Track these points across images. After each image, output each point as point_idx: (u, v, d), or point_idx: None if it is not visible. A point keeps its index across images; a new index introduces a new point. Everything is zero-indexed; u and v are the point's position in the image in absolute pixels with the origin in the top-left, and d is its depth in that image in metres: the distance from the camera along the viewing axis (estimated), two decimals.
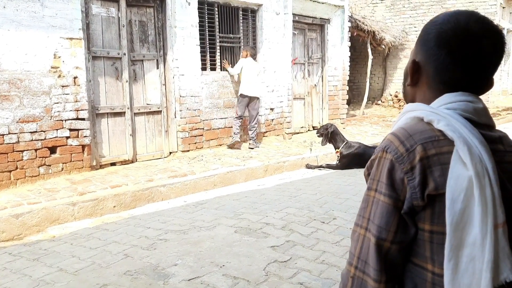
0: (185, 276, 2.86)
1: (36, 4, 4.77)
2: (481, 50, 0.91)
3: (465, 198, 0.81)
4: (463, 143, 0.83)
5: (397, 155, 0.87)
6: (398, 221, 0.87)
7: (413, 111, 0.95)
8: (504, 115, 12.16)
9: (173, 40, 6.24)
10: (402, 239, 0.87)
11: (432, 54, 0.95)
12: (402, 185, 0.86)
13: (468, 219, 0.81)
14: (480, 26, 0.91)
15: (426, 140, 0.87)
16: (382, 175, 0.89)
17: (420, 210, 0.86)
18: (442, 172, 0.84)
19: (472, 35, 0.91)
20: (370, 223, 0.90)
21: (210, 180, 5.43)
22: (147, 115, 6.23)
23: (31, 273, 2.97)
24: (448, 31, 0.92)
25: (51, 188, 4.63)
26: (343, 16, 9.43)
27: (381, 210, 0.88)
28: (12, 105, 4.66)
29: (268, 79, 7.83)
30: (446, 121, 0.87)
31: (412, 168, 0.85)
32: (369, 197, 0.92)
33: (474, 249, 0.81)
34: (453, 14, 0.95)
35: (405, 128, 0.91)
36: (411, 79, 1.00)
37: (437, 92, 0.96)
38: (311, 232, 3.62)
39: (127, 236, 3.68)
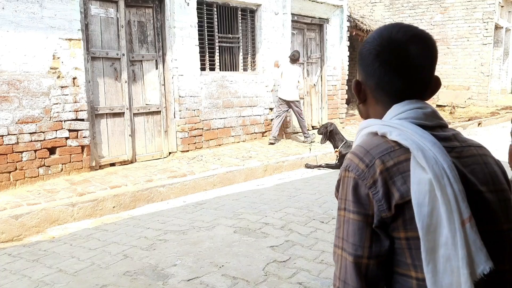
0: (184, 276, 2.86)
1: (35, 5, 4.77)
2: (408, 55, 0.95)
3: (430, 200, 0.83)
4: (417, 149, 0.86)
5: (359, 172, 0.90)
6: (371, 235, 0.88)
7: (367, 127, 0.99)
8: (503, 114, 12.17)
9: (172, 40, 6.25)
10: (378, 253, 0.88)
11: (369, 71, 1.00)
12: (368, 200, 0.88)
13: (437, 220, 0.83)
14: (404, 34, 0.96)
15: (383, 153, 0.90)
16: (348, 194, 0.92)
17: (391, 221, 0.87)
18: (404, 180, 0.86)
19: (397, 43, 0.96)
20: (344, 243, 0.91)
21: (209, 180, 5.44)
22: (146, 116, 6.24)
23: (31, 274, 2.98)
24: (376, 46, 0.97)
25: (50, 189, 4.64)
26: (341, 15, 9.44)
27: (352, 228, 0.90)
28: (11, 106, 4.67)
29: (267, 79, 7.84)
30: (397, 131, 0.90)
31: (374, 182, 0.88)
32: (340, 217, 0.94)
33: (448, 249, 0.83)
34: (378, 30, 1.00)
35: (362, 145, 0.95)
36: (358, 98, 1.06)
37: (385, 104, 1.00)
38: (310, 231, 3.63)
39: (126, 236, 3.69)
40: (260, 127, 7.80)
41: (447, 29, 13.66)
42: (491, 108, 13.29)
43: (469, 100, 13.44)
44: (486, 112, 12.44)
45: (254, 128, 7.69)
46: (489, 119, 11.22)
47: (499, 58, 15.07)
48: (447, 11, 13.59)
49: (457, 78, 13.69)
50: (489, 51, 13.28)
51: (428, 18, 13.87)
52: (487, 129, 10.21)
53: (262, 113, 7.80)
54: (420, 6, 13.97)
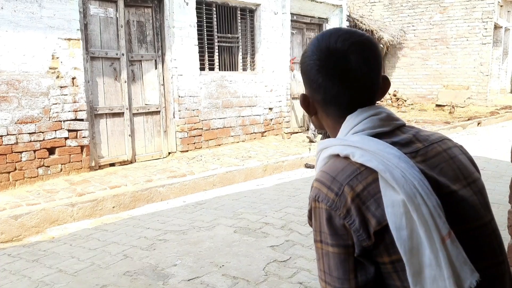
0: (184, 276, 2.86)
1: (34, 5, 4.77)
2: (351, 66, 0.91)
3: (408, 222, 0.80)
4: (384, 170, 0.82)
5: (329, 202, 0.85)
6: (355, 266, 0.84)
7: (327, 148, 0.94)
8: (503, 113, 12.17)
9: (171, 40, 6.24)
10: (365, 282, 0.85)
11: (314, 86, 0.96)
12: (346, 230, 0.84)
13: (418, 242, 0.81)
14: (342, 43, 0.92)
15: (350, 177, 0.85)
16: (322, 226, 0.87)
17: (372, 248, 0.84)
18: (377, 204, 0.82)
19: (336, 55, 0.92)
20: (327, 276, 0.88)
21: (209, 180, 5.43)
22: (145, 116, 6.23)
23: (31, 274, 2.97)
24: (316, 61, 0.93)
25: (50, 189, 4.63)
26: (341, 15, 9.44)
27: (334, 261, 0.86)
28: (10, 106, 4.66)
29: (267, 79, 7.84)
30: (360, 151, 0.86)
31: (348, 211, 0.83)
32: (318, 249, 0.89)
33: (433, 270, 0.80)
34: (315, 41, 0.96)
35: (326, 171, 0.90)
36: (307, 112, 1.02)
37: (336, 117, 0.97)
38: (310, 231, 3.62)
39: (126, 236, 3.68)
40: (259, 127, 7.80)
41: (447, 28, 13.67)
42: (490, 107, 13.30)
43: (468, 99, 13.45)
44: (486, 112, 12.45)
45: (253, 128, 7.69)
46: (488, 119, 11.23)
47: (498, 57, 15.09)
48: (446, 10, 13.60)
49: (456, 77, 13.70)
50: (488, 51, 13.29)
51: (427, 18, 13.87)
52: (487, 129, 10.22)
53: (261, 113, 7.80)
54: (419, 5, 13.98)
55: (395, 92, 14.18)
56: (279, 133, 8.18)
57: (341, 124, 0.96)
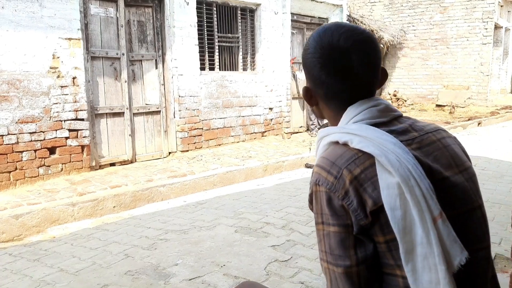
0: (186, 276, 2.86)
1: (34, 5, 4.76)
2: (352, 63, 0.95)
3: (402, 203, 0.84)
4: (380, 154, 0.87)
5: (329, 185, 0.90)
6: (354, 243, 0.89)
7: (327, 135, 0.99)
8: (503, 113, 12.18)
9: (171, 40, 6.24)
10: (365, 257, 0.89)
11: (316, 80, 1.00)
12: (344, 210, 0.89)
13: (411, 221, 0.85)
14: (345, 41, 0.95)
15: (349, 162, 0.90)
16: (323, 208, 0.92)
17: (369, 227, 0.88)
18: (374, 187, 0.87)
19: (339, 53, 0.95)
20: (329, 256, 0.91)
21: (209, 180, 5.43)
22: (146, 115, 6.23)
23: (32, 274, 2.97)
24: (319, 59, 0.97)
25: (50, 189, 4.63)
26: (341, 15, 9.44)
27: (335, 240, 0.90)
28: (11, 105, 4.66)
29: (267, 78, 7.84)
30: (358, 138, 0.91)
31: (346, 192, 0.88)
32: (319, 231, 0.94)
33: (424, 247, 0.84)
34: (317, 37, 0.99)
35: (326, 156, 0.95)
36: (309, 103, 1.08)
37: (337, 109, 1.02)
38: (311, 231, 3.62)
39: (127, 236, 3.68)
40: (259, 127, 7.80)
41: (447, 28, 13.67)
42: (490, 107, 13.30)
43: (468, 99, 13.45)
44: (486, 112, 12.45)
45: (253, 128, 7.69)
46: (489, 119, 11.23)
47: (498, 57, 15.09)
48: (447, 10, 13.60)
49: (456, 77, 13.70)
50: (488, 51, 13.29)
51: (428, 18, 13.88)
52: (487, 129, 10.22)
53: (261, 113, 7.80)
54: (419, 5, 13.98)
55: (395, 92, 14.18)
56: (279, 133, 8.18)
57: (341, 115, 1.01)
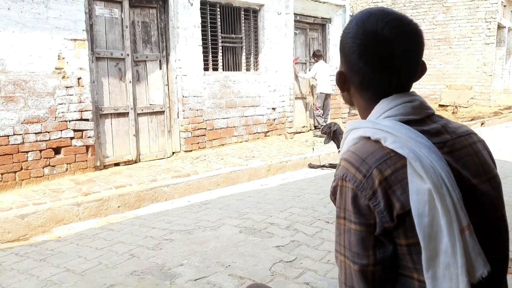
0: (191, 276, 2.88)
1: (40, 6, 4.79)
2: (395, 54, 0.91)
3: (430, 210, 0.83)
4: (414, 158, 0.84)
5: (357, 182, 0.88)
6: (374, 243, 0.88)
7: (357, 128, 0.96)
8: (506, 113, 12.16)
9: (175, 40, 6.26)
10: (383, 258, 0.88)
11: (353, 69, 0.97)
12: (369, 210, 0.87)
13: (437, 229, 0.84)
14: (390, 31, 0.91)
15: (380, 161, 0.88)
16: (347, 204, 0.90)
17: (392, 229, 0.87)
18: (403, 190, 0.85)
19: (383, 42, 0.91)
20: (347, 251, 0.91)
21: (213, 180, 5.45)
22: (150, 116, 6.26)
23: (39, 274, 3.00)
24: (360, 45, 0.93)
25: (55, 189, 4.66)
26: (344, 15, 9.45)
27: (355, 237, 0.89)
28: (17, 106, 4.69)
29: (270, 79, 7.85)
30: (392, 137, 0.88)
31: (374, 193, 0.86)
32: (340, 225, 0.93)
33: (447, 257, 0.84)
34: (361, 22, 0.94)
35: (355, 152, 0.92)
36: (341, 89, 1.04)
37: (370, 100, 0.98)
38: (315, 232, 3.64)
39: (132, 236, 3.70)
40: (262, 127, 7.81)
41: (450, 28, 13.66)
42: (493, 108, 13.28)
43: (471, 100, 13.43)
44: (489, 112, 12.43)
45: (257, 128, 7.71)
46: (492, 119, 11.22)
47: (501, 57, 15.06)
48: (450, 10, 13.58)
49: (459, 77, 13.69)
50: (491, 51, 13.27)
51: (431, 18, 13.86)
52: (490, 129, 10.21)
53: (264, 113, 7.82)
54: (422, 5, 13.96)
55: None
56: (282, 133, 8.20)
57: (373, 106, 0.97)
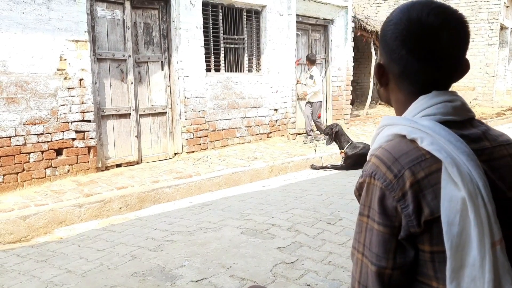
0: (192, 277, 2.87)
1: (42, 7, 4.80)
2: (440, 43, 0.87)
3: (461, 220, 0.80)
4: (451, 164, 0.80)
5: (386, 182, 0.84)
6: (396, 247, 0.85)
7: (392, 125, 0.91)
8: (509, 114, 12.11)
9: (177, 41, 6.27)
10: (403, 263, 0.85)
11: (393, 57, 0.92)
12: (396, 212, 0.84)
13: (467, 240, 0.80)
14: (435, 17, 0.87)
15: (414, 163, 0.84)
16: (373, 203, 0.87)
17: (418, 235, 0.84)
18: (434, 195, 0.82)
19: (427, 29, 0.87)
20: (366, 250, 0.88)
21: (215, 181, 5.45)
22: (152, 117, 6.26)
23: (40, 275, 2.99)
24: (403, 31, 0.89)
25: (57, 190, 4.66)
26: (346, 16, 9.44)
27: (377, 238, 0.86)
28: (19, 107, 4.69)
29: (272, 80, 7.84)
30: (429, 138, 0.84)
31: (403, 195, 0.83)
32: (362, 223, 0.89)
33: (474, 270, 0.80)
34: (406, 9, 0.90)
35: (388, 150, 0.88)
36: (379, 82, 0.99)
37: (409, 94, 0.94)
38: (317, 233, 3.63)
39: (134, 237, 3.70)
40: (265, 128, 7.81)
41: None
42: (496, 108, 13.24)
43: (474, 101, 13.39)
44: (492, 113, 12.39)
45: (259, 129, 7.70)
46: (494, 120, 11.18)
47: (504, 58, 15.01)
48: None
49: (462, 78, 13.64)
50: (494, 52, 13.23)
51: None
52: None
53: (267, 114, 7.81)
54: None
55: None
56: (285, 134, 8.19)
57: (411, 102, 0.93)
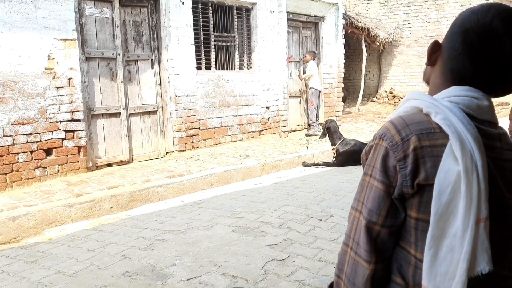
0: (183, 276, 2.86)
1: (29, 6, 4.75)
2: (496, 48, 0.90)
3: (452, 191, 0.83)
4: (457, 138, 0.84)
5: (392, 143, 0.90)
6: (389, 206, 0.90)
7: (415, 99, 0.96)
8: (499, 110, 12.22)
9: (167, 39, 6.23)
10: (392, 223, 0.90)
11: (451, 40, 0.96)
12: (395, 172, 0.89)
13: (452, 212, 0.83)
14: (507, 25, 0.89)
15: (422, 131, 0.88)
16: (376, 162, 0.92)
17: (409, 198, 0.89)
18: (433, 164, 0.86)
19: (493, 32, 0.89)
20: (363, 207, 0.93)
21: (207, 180, 5.43)
22: (142, 115, 6.22)
23: (29, 276, 2.97)
24: (472, 21, 0.92)
25: (47, 190, 4.62)
26: (337, 13, 9.44)
27: (373, 194, 0.91)
28: (6, 107, 4.64)
29: (264, 77, 7.83)
30: (443, 114, 0.88)
31: (405, 156, 0.88)
32: (364, 182, 0.95)
33: (454, 240, 0.83)
34: (488, 6, 0.93)
35: (403, 117, 0.93)
36: (428, 58, 1.02)
37: (445, 79, 0.97)
38: (308, 230, 3.63)
39: (124, 237, 3.67)
40: (257, 125, 7.80)
41: (442, 26, 13.69)
42: None
43: None
44: None
45: (251, 127, 7.69)
46: None
47: None
48: (442, 8, 13.62)
49: None
50: None
51: (423, 15, 13.89)
52: None
53: (258, 112, 7.80)
54: (415, 3, 14.00)
55: (391, 90, 14.21)
56: (277, 131, 8.19)
57: (444, 88, 0.96)
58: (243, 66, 7.70)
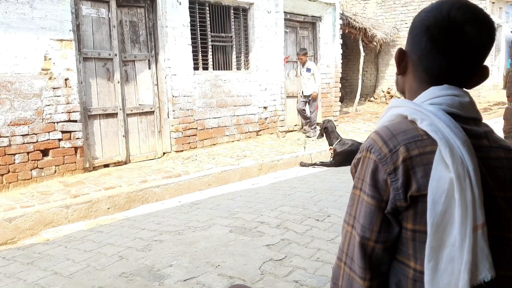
0: (180, 276, 2.85)
1: (25, 6, 4.73)
2: (462, 37, 0.89)
3: (446, 200, 0.82)
4: (445, 145, 0.83)
5: (381, 156, 0.87)
6: (382, 221, 0.88)
7: (398, 107, 0.95)
8: (496, 109, 12.26)
9: (164, 40, 6.22)
10: (386, 238, 0.88)
11: (416, 42, 0.94)
12: (386, 186, 0.87)
13: (449, 221, 0.82)
14: (464, 13, 0.89)
15: (409, 140, 0.87)
16: (366, 175, 0.90)
17: (403, 210, 0.87)
18: (424, 173, 0.84)
19: (453, 22, 0.89)
20: (355, 221, 0.91)
21: (204, 180, 5.43)
22: (139, 116, 6.21)
23: (26, 277, 2.95)
24: (430, 18, 0.91)
25: (44, 191, 4.60)
26: (334, 13, 9.45)
27: (365, 210, 0.89)
28: (3, 108, 4.62)
29: (261, 77, 7.83)
30: (429, 120, 0.87)
31: (395, 169, 0.86)
32: (354, 196, 0.93)
33: (454, 250, 0.82)
34: (440, 2, 0.93)
35: (388, 127, 0.91)
36: (397, 67, 1.02)
37: (422, 82, 0.96)
38: (305, 230, 3.63)
39: (121, 238, 3.67)
40: (254, 126, 7.80)
41: None
42: (483, 104, 13.39)
43: None
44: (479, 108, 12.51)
45: (248, 127, 7.69)
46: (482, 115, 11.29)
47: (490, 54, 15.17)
48: None
49: None
50: None
51: None
52: None
53: (256, 112, 7.80)
54: (412, 3, 14.03)
55: (388, 90, 14.24)
56: (274, 132, 8.19)
57: (422, 91, 0.95)
58: (240, 66, 7.70)
